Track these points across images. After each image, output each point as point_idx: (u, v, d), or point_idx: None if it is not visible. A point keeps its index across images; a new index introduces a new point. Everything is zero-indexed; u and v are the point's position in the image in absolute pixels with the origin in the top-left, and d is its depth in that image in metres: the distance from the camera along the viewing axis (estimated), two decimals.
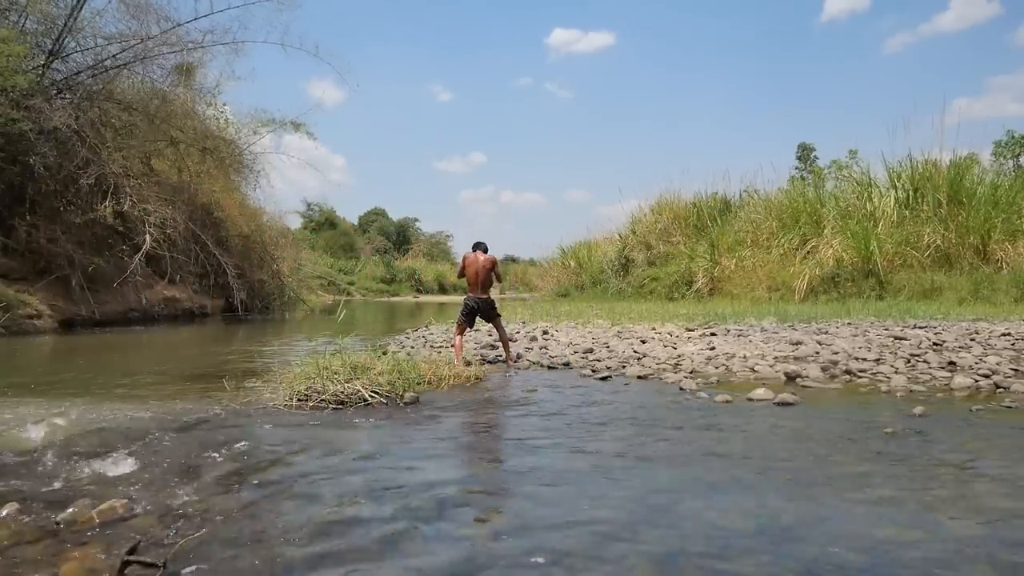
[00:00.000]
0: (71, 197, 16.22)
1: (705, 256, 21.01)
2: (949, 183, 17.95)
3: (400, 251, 62.41)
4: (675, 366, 7.66)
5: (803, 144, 36.77)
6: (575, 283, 28.71)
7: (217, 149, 20.69)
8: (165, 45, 17.70)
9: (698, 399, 5.84)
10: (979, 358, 7.34)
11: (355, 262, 52.30)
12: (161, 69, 18.78)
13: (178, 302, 18.76)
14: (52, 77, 16.80)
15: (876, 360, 7.42)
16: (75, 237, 15.91)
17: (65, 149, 15.69)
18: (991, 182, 18.57)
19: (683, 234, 24.41)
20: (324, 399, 5.55)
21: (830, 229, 18.47)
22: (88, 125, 16.28)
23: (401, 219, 69.80)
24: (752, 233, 21.14)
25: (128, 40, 17.13)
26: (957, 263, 16.56)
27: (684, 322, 11.92)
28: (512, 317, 14.43)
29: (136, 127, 17.92)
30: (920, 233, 17.16)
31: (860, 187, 20.42)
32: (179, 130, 18.90)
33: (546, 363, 8.15)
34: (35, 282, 15.02)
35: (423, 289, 54.19)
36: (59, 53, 16.76)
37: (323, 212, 56.72)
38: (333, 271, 44.51)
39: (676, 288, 21.22)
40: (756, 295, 17.82)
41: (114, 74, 17.44)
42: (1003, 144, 28.65)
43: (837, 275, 17.16)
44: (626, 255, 25.55)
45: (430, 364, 6.95)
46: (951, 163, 19.01)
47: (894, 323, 10.96)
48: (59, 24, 16.48)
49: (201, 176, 20.56)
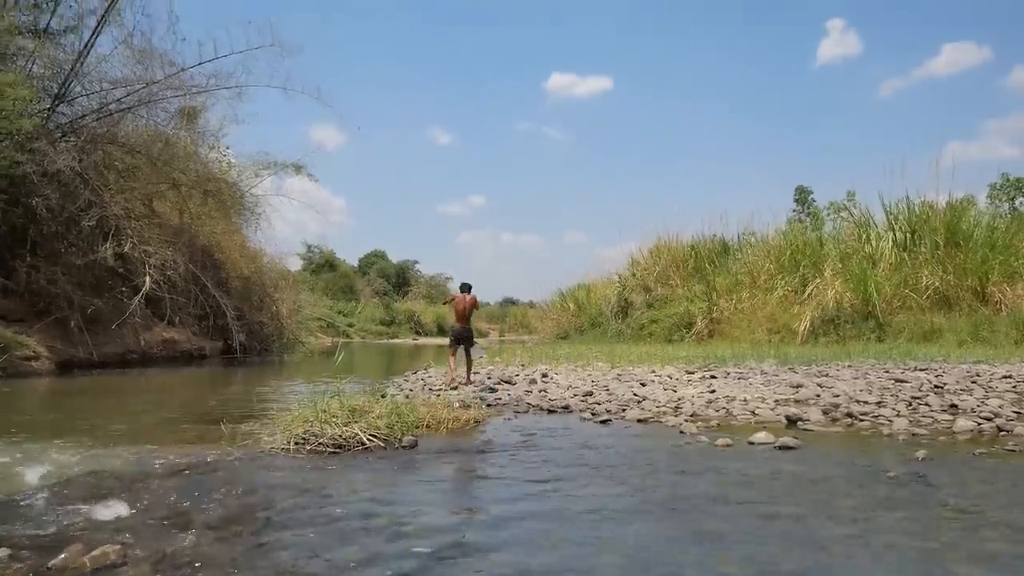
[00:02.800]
0: (72, 239, 16.28)
1: (703, 298, 21.01)
2: (946, 225, 18.06)
3: (400, 293, 62.45)
4: (675, 409, 7.62)
5: (800, 187, 37.04)
6: (574, 325, 28.68)
7: (219, 191, 20.82)
8: (169, 89, 17.94)
9: (699, 443, 5.79)
10: (981, 401, 7.30)
11: (354, 304, 52.27)
12: (165, 113, 19.02)
13: (177, 344, 18.70)
14: (57, 120, 16.99)
15: (877, 403, 7.38)
16: (75, 278, 15.92)
17: (68, 191, 15.79)
18: (987, 224, 18.69)
19: (681, 276, 24.45)
20: (322, 443, 5.50)
21: (830, 271, 18.52)
22: (91, 167, 16.42)
23: (401, 261, 70.01)
24: (750, 275, 21.18)
25: (133, 84, 17.37)
26: (956, 305, 16.57)
27: (684, 365, 11.88)
28: (511, 360, 14.39)
29: (139, 169, 18.07)
30: (919, 275, 17.21)
31: (859, 229, 20.52)
32: (181, 172, 19.05)
33: (546, 406, 8.10)
34: (34, 323, 14.98)
35: (422, 331, 54.08)
36: (65, 97, 16.97)
37: (323, 254, 56.88)
38: (332, 313, 44.46)
39: (675, 330, 21.18)
40: (756, 337, 17.78)
41: (119, 117, 17.64)
42: (998, 187, 28.90)
43: (837, 317, 17.15)
44: (625, 297, 25.55)
45: (428, 407, 6.91)
46: (948, 205, 19.15)
47: (895, 365, 10.92)
48: (66, 69, 16.72)
49: (202, 218, 20.66)
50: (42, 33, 16.75)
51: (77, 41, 17.34)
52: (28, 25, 16.73)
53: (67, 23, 17.37)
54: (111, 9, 17.03)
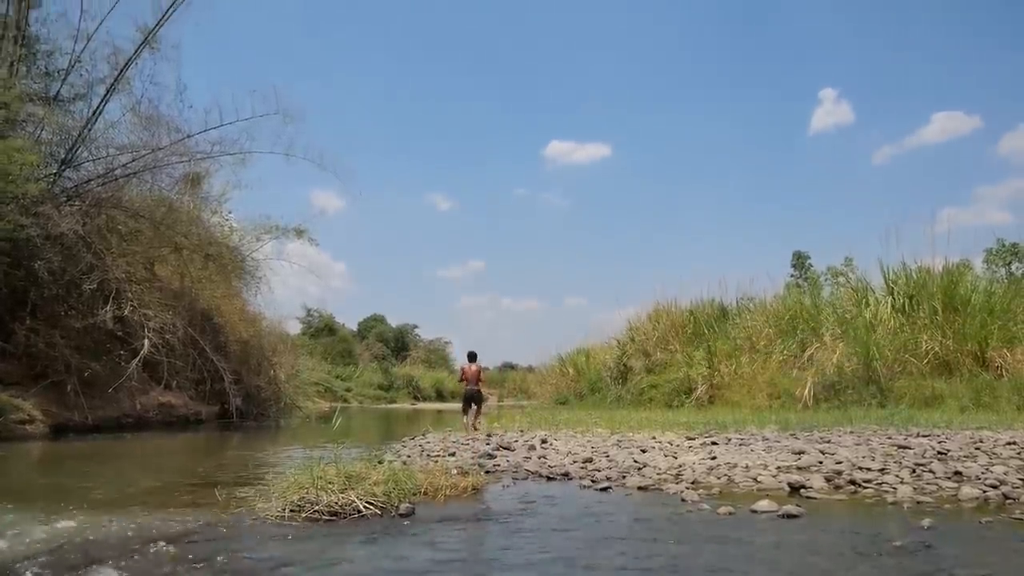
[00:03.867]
0: (73, 302, 16.32)
1: (703, 363, 20.94)
2: (944, 290, 18.12)
3: (398, 357, 62.27)
4: (676, 476, 7.51)
5: (797, 252, 37.30)
6: (573, 390, 28.51)
7: (220, 255, 20.97)
8: (175, 155, 18.27)
9: (700, 511, 5.70)
10: (985, 468, 7.21)
11: (353, 368, 52.06)
12: (169, 178, 19.34)
13: (173, 408, 18.55)
14: (63, 185, 17.24)
15: (881, 470, 7.28)
16: (73, 341, 15.89)
17: (70, 254, 15.91)
18: (985, 289, 18.76)
19: (680, 341, 24.42)
20: (317, 510, 5.41)
21: (829, 336, 18.51)
22: (94, 231, 16.58)
23: (400, 325, 70.05)
24: (750, 340, 21.16)
25: (139, 150, 17.70)
26: (957, 370, 16.50)
27: (684, 431, 11.76)
28: (510, 425, 14.26)
29: (142, 233, 18.25)
30: (918, 340, 17.19)
31: (857, 294, 20.60)
32: (183, 236, 19.23)
33: (545, 473, 7.99)
34: (30, 387, 14.90)
35: (421, 396, 53.71)
36: (71, 162, 17.26)
37: (322, 318, 56.94)
38: (330, 378, 44.25)
39: (675, 396, 21.04)
40: (756, 403, 17.65)
41: (124, 182, 17.92)
42: (994, 252, 29.11)
43: (838, 382, 17.06)
44: (624, 362, 25.47)
45: (426, 474, 6.81)
46: (944, 270, 19.25)
47: (897, 431, 10.82)
48: (73, 135, 17.06)
49: (203, 281, 20.76)
50: (52, 100, 17.14)
51: (86, 108, 17.76)
52: (39, 93, 17.13)
53: (77, 91, 17.82)
54: (120, 78, 17.47)
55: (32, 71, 17.46)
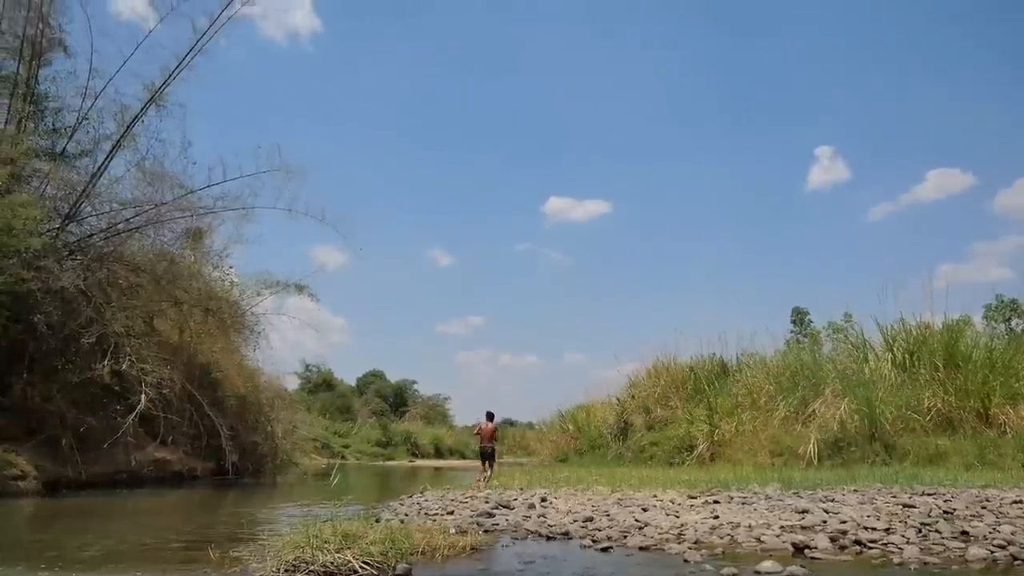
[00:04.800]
0: (70, 356, 16.26)
1: (704, 420, 20.78)
2: (944, 346, 18.09)
3: (397, 414, 61.77)
4: (678, 536, 7.38)
5: (797, 308, 37.32)
6: (573, 447, 28.21)
7: (220, 310, 20.98)
8: (178, 210, 18.42)
9: (703, 572, 5.58)
10: (992, 527, 7.09)
11: (351, 424, 51.59)
12: (172, 233, 19.46)
13: (168, 464, 18.32)
14: (65, 239, 17.35)
15: (886, 529, 7.16)
16: (70, 396, 15.79)
17: (70, 308, 15.91)
18: (985, 345, 18.71)
19: (681, 398, 24.28)
20: (313, 570, 5.30)
21: (830, 392, 18.40)
22: (95, 285, 16.61)
23: (399, 381, 69.69)
24: (751, 397, 21.03)
25: (142, 206, 17.85)
26: (960, 427, 16.36)
27: (686, 489, 11.60)
28: (509, 483, 14.08)
29: (142, 287, 18.28)
30: (920, 396, 17.08)
31: (857, 350, 20.55)
32: (184, 291, 19.26)
33: (544, 532, 7.85)
34: (24, 441, 14.74)
35: (419, 453, 53.08)
36: (75, 217, 17.41)
37: (321, 373, 56.69)
38: (328, 434, 43.82)
39: (676, 453, 20.81)
40: (759, 460, 17.46)
41: (126, 237, 18.03)
42: (993, 308, 29.16)
43: (840, 439, 16.90)
44: (624, 419, 25.27)
45: (424, 533, 6.70)
46: (944, 326, 19.24)
47: (901, 489, 10.67)
48: (78, 190, 17.24)
49: (202, 336, 20.73)
50: (58, 156, 17.38)
51: (91, 164, 17.99)
52: (46, 149, 17.39)
53: (83, 147, 18.08)
54: (126, 134, 17.74)
55: (40, 127, 17.73)
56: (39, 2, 16.76)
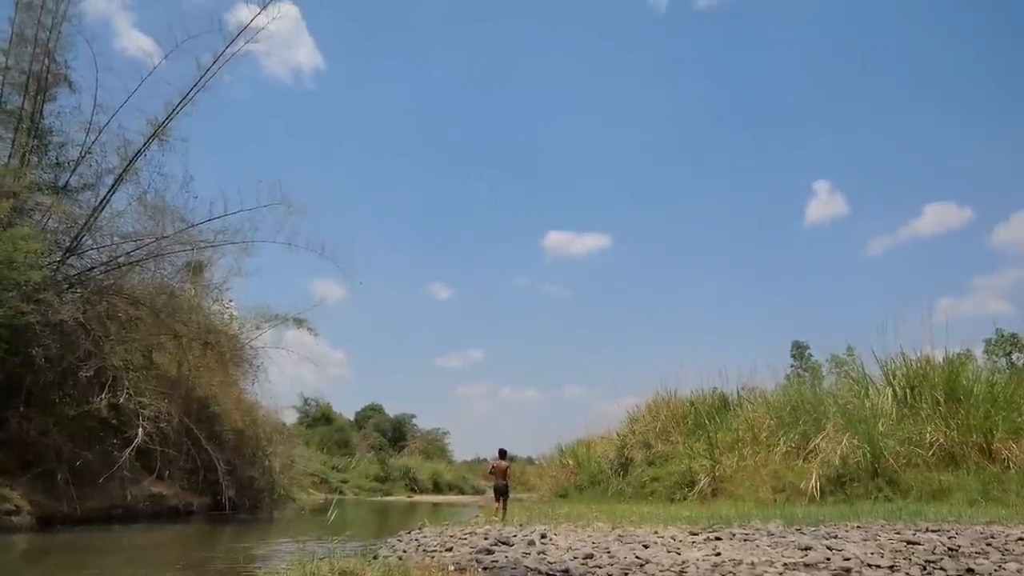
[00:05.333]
0: (68, 389, 16.19)
1: (705, 455, 20.61)
2: (945, 381, 18.00)
3: (396, 448, 61.34)
4: (680, 573, 7.28)
5: (797, 342, 37.23)
6: (573, 483, 27.96)
7: (219, 343, 20.93)
8: (178, 244, 18.46)
9: None
10: (998, 565, 7.00)
11: (349, 459, 51.19)
12: (172, 266, 19.49)
13: (164, 499, 18.12)
14: (66, 272, 17.37)
15: (891, 567, 7.07)
16: (66, 429, 15.68)
17: (68, 341, 15.87)
18: (987, 379, 18.62)
19: (682, 433, 24.09)
20: None
21: (831, 427, 18.27)
22: (94, 318, 16.59)
23: (398, 415, 69.33)
24: (752, 431, 20.88)
25: (143, 239, 17.90)
26: (963, 462, 16.22)
27: (687, 525, 11.47)
28: (509, 519, 13.95)
29: (141, 321, 18.26)
30: (922, 431, 16.97)
31: (857, 384, 20.45)
32: (183, 324, 19.23)
33: (544, 569, 7.74)
34: (19, 476, 14.61)
35: (418, 488, 52.59)
36: (76, 250, 17.44)
37: (319, 407, 56.36)
38: (326, 468, 43.45)
39: (677, 488, 20.60)
40: (760, 496, 17.28)
41: (126, 270, 18.04)
42: (993, 342, 29.12)
43: (843, 475, 16.75)
44: (625, 454, 25.08)
45: (423, 570, 6.61)
46: (945, 360, 19.17)
47: (905, 526, 10.55)
48: (79, 223, 17.29)
49: (200, 370, 20.64)
50: (61, 190, 17.47)
51: (93, 197, 18.07)
52: (49, 182, 17.49)
53: (86, 181, 18.18)
54: (129, 168, 17.86)
55: (43, 161, 17.86)
56: (46, 39, 16.98)
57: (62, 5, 17.25)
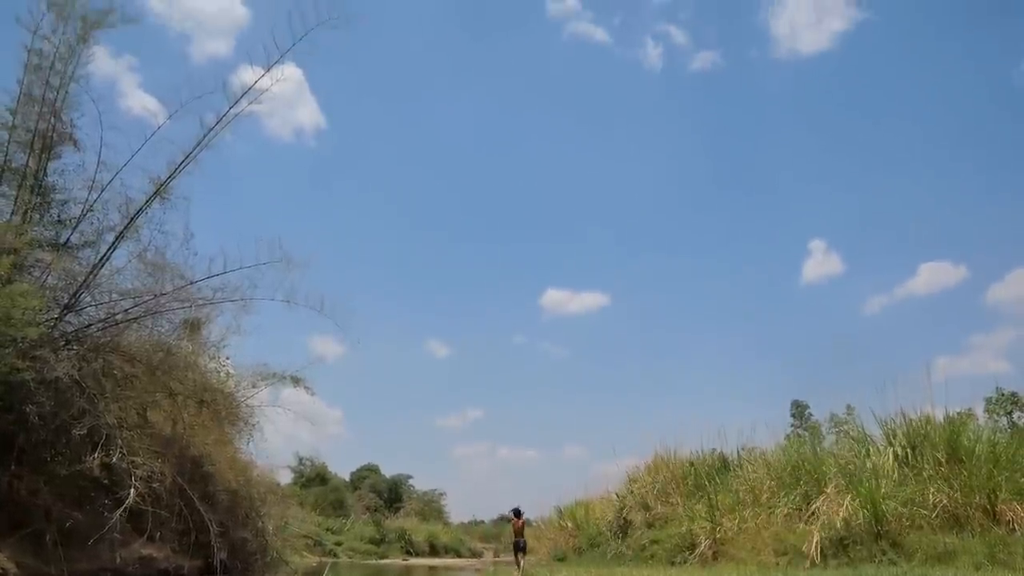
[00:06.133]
0: (60, 447, 15.97)
1: (705, 517, 20.32)
2: (946, 441, 17.87)
3: (391, 509, 60.43)
4: None
5: (796, 401, 37.04)
6: (572, 545, 27.55)
7: (215, 401, 20.75)
8: (176, 301, 18.43)
9: None
10: None
11: (344, 520, 50.35)
12: (170, 323, 19.38)
13: (154, 561, 17.71)
14: (63, 329, 17.30)
15: None
16: (57, 489, 15.42)
17: (63, 399, 15.71)
18: (988, 439, 18.49)
19: (681, 494, 23.82)
20: None
21: (833, 488, 18.07)
22: (90, 375, 16.45)
23: (394, 476, 68.55)
24: (752, 492, 20.64)
25: (142, 296, 17.90)
26: (967, 524, 15.97)
27: None
28: None
29: (137, 378, 18.10)
30: (924, 492, 16.76)
31: (858, 444, 20.29)
32: (179, 382, 19.07)
33: None
34: (7, 536, 14.31)
35: (414, 551, 51.58)
36: (74, 307, 17.42)
37: (315, 467, 55.70)
38: (320, 530, 42.68)
39: (678, 551, 20.27)
40: (762, 559, 16.98)
41: (124, 327, 17.99)
42: (994, 401, 28.98)
43: (845, 537, 16.48)
44: (624, 516, 24.74)
45: None
46: (946, 420, 19.06)
47: None
48: (79, 280, 17.31)
49: (195, 428, 20.42)
50: (61, 247, 17.56)
51: (94, 255, 18.12)
52: (50, 239, 17.58)
53: (87, 238, 18.23)
54: (130, 226, 17.99)
55: (45, 218, 17.97)
56: (53, 98, 17.29)
57: (70, 66, 17.56)
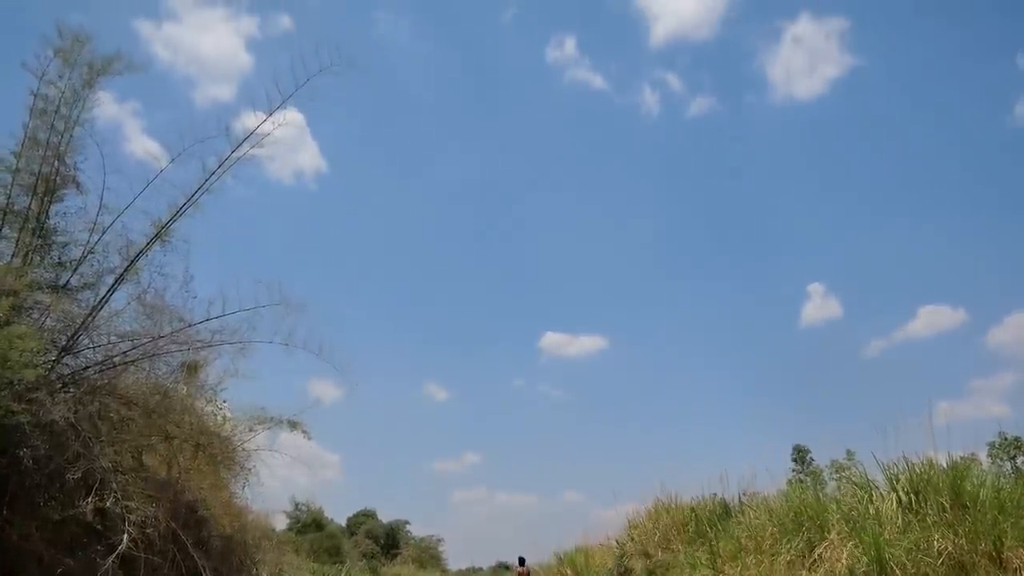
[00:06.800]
0: (54, 492, 15.76)
1: (707, 565, 20.04)
2: (950, 486, 17.67)
3: (388, 556, 59.56)
4: None
5: (798, 446, 36.67)
6: None
7: (211, 445, 20.55)
8: (175, 343, 18.37)
9: None
10: None
11: (339, 567, 49.57)
12: (167, 366, 19.29)
13: None
14: (60, 371, 17.21)
15: None
16: (48, 534, 15.18)
17: (58, 442, 15.55)
18: (992, 484, 18.29)
19: (683, 540, 23.51)
20: None
21: (836, 534, 17.83)
22: (85, 418, 16.30)
23: (391, 521, 67.68)
24: (754, 539, 20.37)
25: (140, 339, 17.86)
26: (973, 571, 15.68)
27: None
28: None
29: (134, 421, 17.95)
30: (929, 538, 16.51)
31: (860, 489, 20.09)
32: (176, 425, 18.91)
33: None
34: None
35: None
36: (72, 349, 17.35)
37: (311, 512, 55.04)
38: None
39: None
40: None
41: (121, 370, 17.90)
42: (997, 446, 28.76)
43: None
44: (624, 563, 24.41)
45: None
46: (949, 465, 18.88)
47: None
48: (77, 323, 17.28)
49: (191, 472, 20.21)
50: (61, 289, 17.57)
51: (93, 297, 18.12)
52: (49, 281, 17.59)
53: (87, 280, 18.25)
54: (130, 268, 18.03)
55: (46, 260, 18.01)
56: (57, 142, 17.46)
57: (75, 111, 17.76)
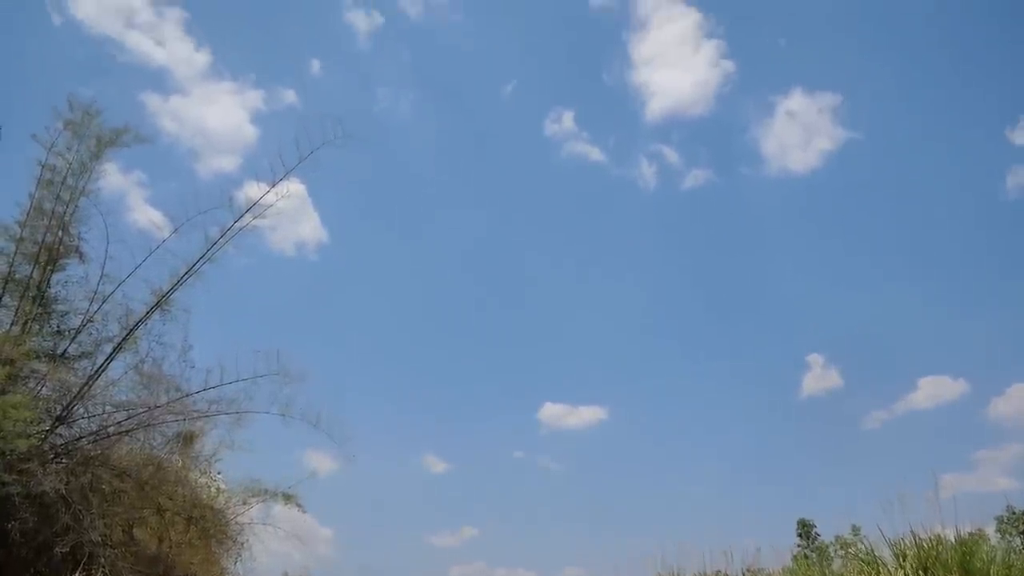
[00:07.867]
0: (40, 566, 15.38)
1: None
2: (959, 563, 17.25)
3: None
4: None
5: (802, 520, 36.09)
6: None
7: (204, 518, 20.09)
8: (171, 413, 18.16)
9: None
10: None
11: None
12: (163, 436, 19.01)
13: None
14: (53, 441, 16.97)
15: None
16: None
17: (47, 514, 15.24)
18: (1003, 560, 17.87)
19: None
20: None
21: None
22: (76, 490, 16.01)
23: None
24: None
25: (136, 408, 17.68)
26: None
27: None
28: None
29: (126, 493, 17.63)
30: None
31: (867, 565, 19.61)
32: (168, 498, 18.55)
33: None
34: None
35: None
36: (67, 419, 17.17)
37: None
38: None
39: None
40: None
41: (115, 440, 17.67)
42: (1005, 520, 28.25)
43: None
44: None
45: None
46: (958, 540, 18.48)
47: None
48: (73, 392, 17.13)
49: (182, 546, 19.74)
50: (58, 358, 17.48)
51: (90, 366, 18.01)
52: (47, 350, 17.52)
53: (84, 349, 18.15)
54: (129, 337, 17.98)
55: (44, 329, 17.97)
56: (62, 212, 17.64)
57: (81, 182, 18.00)
